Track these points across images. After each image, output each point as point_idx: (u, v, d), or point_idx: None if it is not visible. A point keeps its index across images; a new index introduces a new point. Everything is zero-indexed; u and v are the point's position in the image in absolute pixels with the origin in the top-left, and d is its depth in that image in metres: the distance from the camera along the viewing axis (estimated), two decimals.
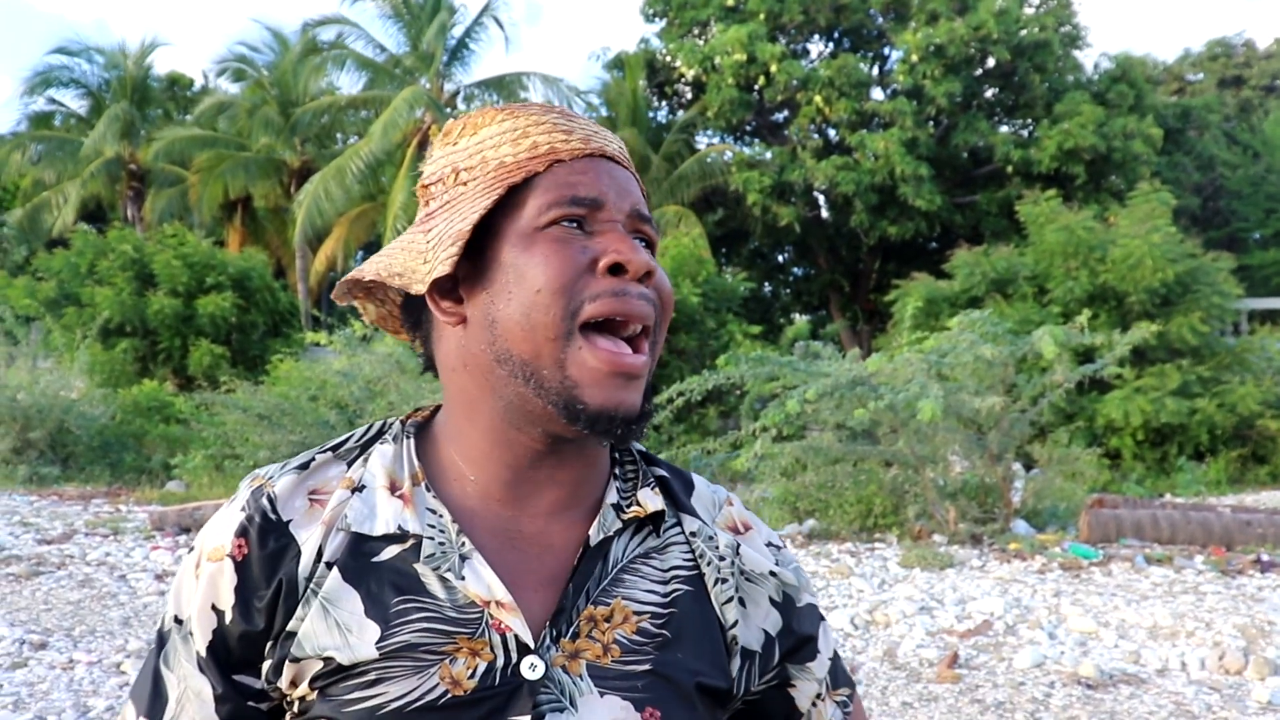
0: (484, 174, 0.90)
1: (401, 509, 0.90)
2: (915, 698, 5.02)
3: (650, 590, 0.93)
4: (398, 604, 0.87)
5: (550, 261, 0.87)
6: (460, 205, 0.90)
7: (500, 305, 0.88)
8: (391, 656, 0.85)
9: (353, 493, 0.92)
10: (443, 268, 0.89)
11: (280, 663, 0.88)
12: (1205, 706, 4.84)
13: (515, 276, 0.87)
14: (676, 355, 15.38)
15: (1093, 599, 6.19)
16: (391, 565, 0.88)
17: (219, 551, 0.90)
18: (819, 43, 26.77)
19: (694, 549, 0.97)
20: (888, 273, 25.12)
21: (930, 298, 15.53)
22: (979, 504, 8.09)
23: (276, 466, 0.95)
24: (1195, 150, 29.14)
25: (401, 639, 0.85)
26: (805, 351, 8.79)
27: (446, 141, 0.95)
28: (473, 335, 0.90)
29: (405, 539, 0.89)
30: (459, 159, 0.93)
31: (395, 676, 0.85)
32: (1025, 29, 23.01)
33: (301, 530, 0.90)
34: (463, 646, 0.86)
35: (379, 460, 0.94)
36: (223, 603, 0.90)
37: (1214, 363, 14.44)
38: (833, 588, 6.58)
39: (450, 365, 0.93)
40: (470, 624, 0.86)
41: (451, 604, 0.87)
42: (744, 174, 23.53)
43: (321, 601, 0.87)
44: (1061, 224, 15.25)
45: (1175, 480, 13.07)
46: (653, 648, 0.91)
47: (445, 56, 26.37)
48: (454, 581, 0.88)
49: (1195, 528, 7.73)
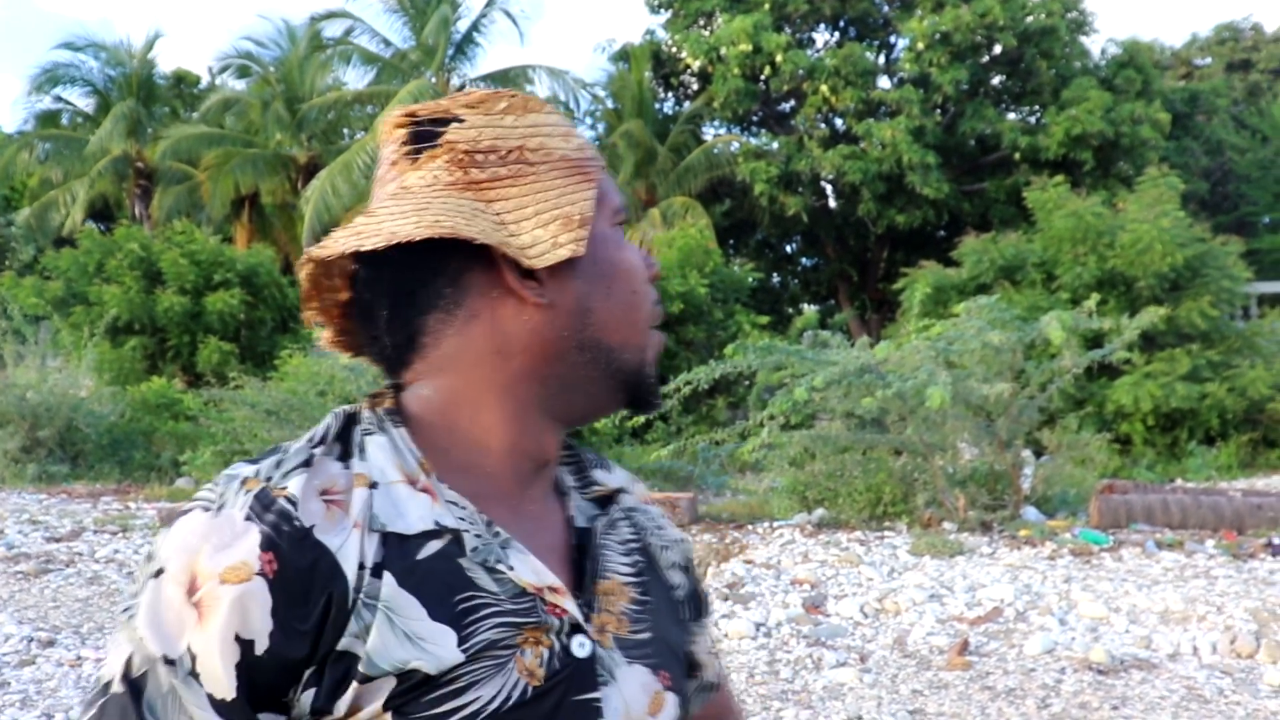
0: (552, 161, 0.90)
1: (431, 503, 0.85)
2: (926, 685, 5.01)
3: (622, 563, 0.96)
4: (460, 603, 0.83)
5: (638, 263, 0.92)
6: (539, 184, 0.89)
7: (599, 297, 0.90)
8: (477, 658, 0.82)
9: (370, 490, 0.84)
10: (571, 249, 0.87)
11: (336, 687, 0.79)
12: (1217, 690, 4.82)
13: (612, 272, 0.91)
14: (685, 346, 15.36)
15: (1103, 584, 6.16)
16: (436, 564, 0.83)
17: (242, 570, 0.77)
18: (824, 32, 26.70)
19: (636, 522, 1.01)
20: (896, 261, 25.06)
21: (938, 285, 15.48)
22: (989, 491, 8.06)
23: (268, 465, 0.83)
24: (1203, 135, 29.00)
25: (481, 638, 0.82)
26: (813, 340, 8.77)
27: (484, 111, 0.91)
28: (555, 321, 0.89)
29: (442, 534, 0.84)
30: (516, 136, 0.90)
31: (484, 678, 0.82)
32: (1032, 15, 22.91)
33: (330, 537, 0.80)
34: (528, 636, 0.84)
35: (381, 453, 0.86)
36: (254, 630, 0.77)
37: (1224, 347, 14.37)
38: (842, 576, 6.56)
39: (494, 349, 0.89)
40: (529, 612, 0.85)
41: (506, 595, 0.85)
42: (751, 164, 23.48)
43: (384, 612, 0.80)
44: (1070, 210, 15.18)
45: (1186, 465, 13.02)
46: (647, 615, 0.94)
47: (450, 50, 26.35)
48: (506, 572, 0.85)
49: (1206, 512, 7.69)
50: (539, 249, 0.87)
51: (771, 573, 6.69)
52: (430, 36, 25.92)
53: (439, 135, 0.90)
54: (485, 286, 0.88)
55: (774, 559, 6.99)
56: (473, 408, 0.89)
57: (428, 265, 0.88)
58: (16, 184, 30.58)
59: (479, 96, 0.92)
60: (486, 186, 0.88)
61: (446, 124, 0.90)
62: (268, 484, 0.81)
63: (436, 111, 0.91)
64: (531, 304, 0.88)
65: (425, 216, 0.85)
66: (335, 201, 25.16)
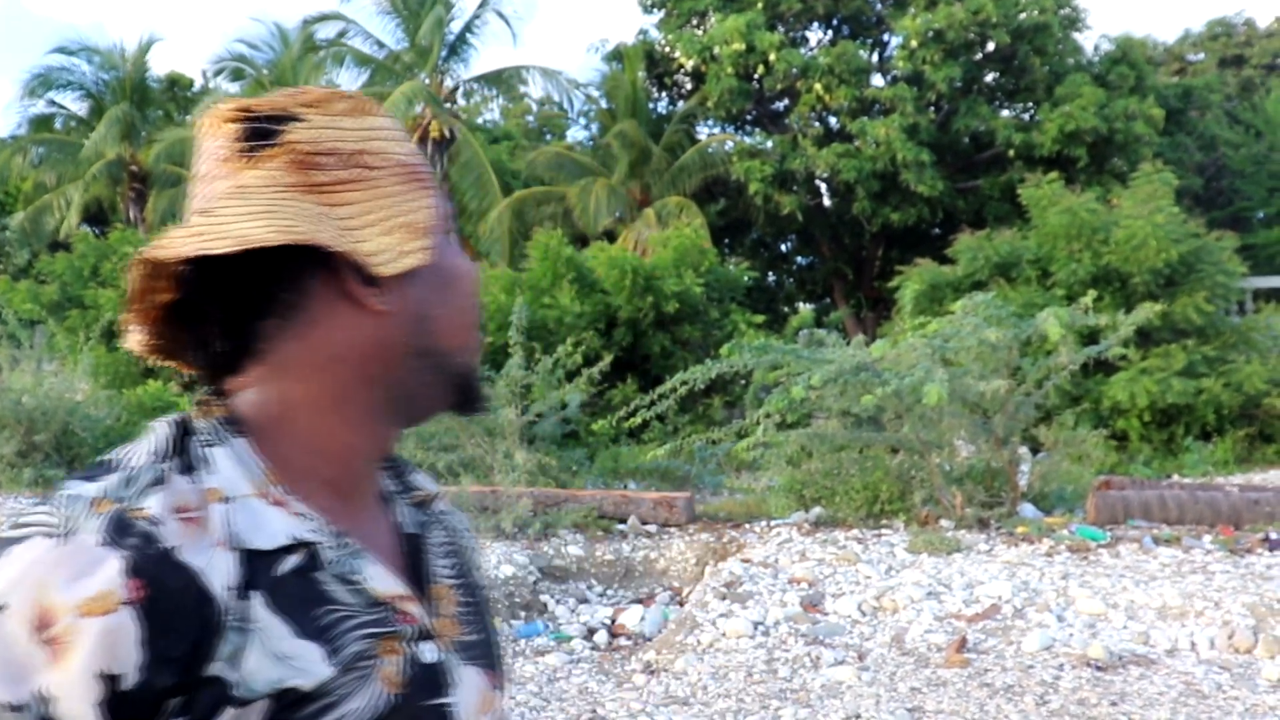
0: (391, 166, 0.89)
1: (285, 517, 0.82)
2: (924, 683, 5.01)
3: (443, 566, 0.96)
4: (323, 617, 0.81)
5: (470, 269, 0.94)
6: (381, 191, 0.88)
7: (437, 304, 0.90)
8: (346, 671, 0.81)
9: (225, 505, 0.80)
10: (418, 258, 0.87)
11: (207, 714, 0.76)
12: (1215, 686, 4.82)
13: (449, 279, 0.91)
14: (681, 345, 15.36)
15: (1101, 581, 6.17)
16: (297, 579, 0.81)
17: (105, 601, 0.72)
18: (818, 30, 26.70)
19: (446, 525, 1.02)
20: (891, 259, 25.06)
21: (934, 283, 15.49)
22: (985, 488, 8.06)
23: (115, 484, 0.78)
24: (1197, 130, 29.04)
25: (348, 651, 0.81)
26: (809, 339, 8.77)
27: (323, 111, 0.88)
28: (395, 327, 0.88)
29: (298, 549, 0.82)
30: (355, 139, 0.88)
31: (353, 691, 0.81)
32: (1024, 12, 22.93)
33: (194, 558, 0.76)
34: (385, 646, 0.84)
35: (230, 466, 0.83)
36: (122, 664, 0.72)
37: (1219, 342, 14.39)
38: (840, 574, 6.56)
39: (334, 355, 0.87)
40: (384, 622, 0.84)
41: (361, 606, 0.84)
42: (745, 163, 23.49)
43: (254, 633, 0.77)
44: (1064, 206, 15.20)
45: (1182, 460, 13.03)
46: (471, 617, 0.95)
47: (444, 51, 26.32)
48: (360, 583, 0.84)
49: (1203, 507, 7.70)
50: (384, 257, 0.86)
51: (769, 571, 6.69)
52: (424, 38, 25.89)
53: (277, 134, 0.86)
54: (326, 293, 0.86)
55: (771, 558, 6.99)
56: (311, 414, 0.87)
57: (268, 269, 0.85)
58: (10, 188, 30.51)
59: (317, 95, 0.90)
60: (329, 190, 0.86)
61: (284, 122, 0.87)
62: (121, 505, 0.76)
63: (274, 108, 0.88)
64: (373, 311, 0.86)
65: (275, 220, 0.82)
66: None
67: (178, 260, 0.83)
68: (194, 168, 0.90)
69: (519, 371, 9.37)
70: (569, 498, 8.60)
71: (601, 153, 27.23)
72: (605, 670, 5.76)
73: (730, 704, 4.91)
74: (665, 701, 5.04)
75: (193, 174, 0.90)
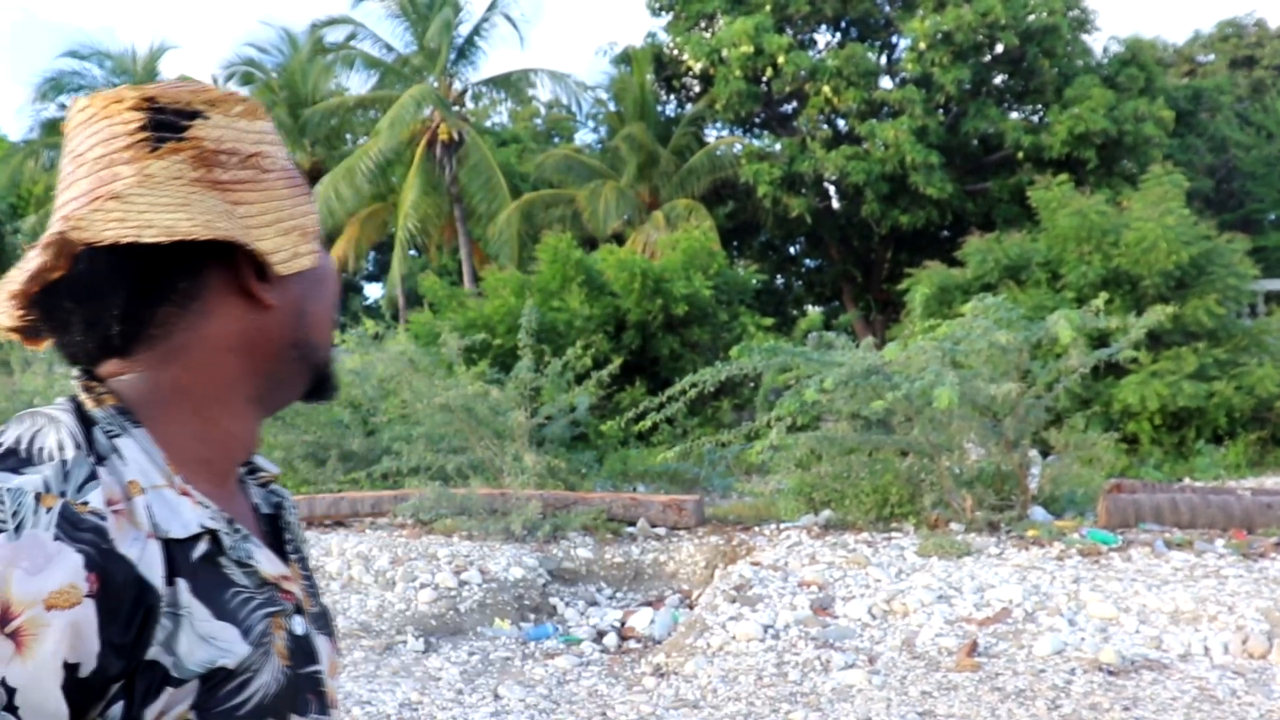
0: (279, 170, 0.95)
1: (192, 506, 0.87)
2: (935, 687, 4.99)
3: (288, 542, 1.04)
4: (232, 599, 0.87)
5: (333, 269, 1.01)
6: (273, 193, 0.93)
7: (313, 299, 0.97)
8: (257, 648, 0.87)
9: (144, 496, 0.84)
10: (310, 260, 0.95)
11: (146, 696, 0.80)
12: (1230, 691, 4.79)
13: (322, 276, 0.98)
14: (690, 348, 15.35)
15: (1113, 585, 6.14)
16: (204, 564, 0.86)
17: (71, 594, 0.75)
18: (826, 33, 26.68)
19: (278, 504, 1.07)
20: (900, 262, 25.03)
21: (943, 285, 15.45)
22: (996, 491, 8.03)
23: (53, 477, 0.80)
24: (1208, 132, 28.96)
25: (256, 630, 0.87)
26: (819, 342, 8.75)
27: (223, 111, 0.92)
28: (279, 321, 0.94)
29: (202, 536, 0.87)
30: (250, 141, 0.93)
31: (262, 666, 0.87)
32: (1033, 14, 22.87)
33: (130, 549, 0.80)
34: (276, 623, 0.90)
35: (138, 457, 0.86)
36: (83, 654, 0.76)
37: (1231, 345, 14.32)
38: (850, 578, 6.54)
39: (223, 345, 0.91)
40: (272, 600, 0.91)
41: (254, 587, 0.90)
42: (754, 166, 23.47)
43: (184, 617, 0.82)
44: (1074, 209, 15.14)
45: (1194, 464, 12.97)
46: (313, 590, 1.03)
47: (452, 55, 26.35)
48: (253, 566, 0.90)
49: (1215, 511, 7.66)
50: (281, 256, 0.92)
51: (779, 575, 6.67)
52: (432, 41, 25.93)
53: (183, 128, 0.90)
54: (221, 285, 0.90)
55: (781, 561, 6.97)
56: (201, 403, 0.92)
57: (170, 258, 0.88)
58: (23, 192, 30.62)
59: (217, 96, 0.93)
60: (229, 188, 0.90)
61: (190, 117, 0.90)
62: (65, 499, 0.78)
63: (179, 102, 0.90)
64: (264, 306, 0.92)
65: (197, 215, 0.86)
66: (338, 206, 25.17)
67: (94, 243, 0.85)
68: (73, 146, 0.92)
69: (528, 374, 9.37)
70: (578, 500, 8.60)
71: (610, 155, 27.23)
72: (615, 673, 5.75)
73: (740, 707, 4.90)
74: (675, 704, 5.03)
75: (72, 151, 0.91)
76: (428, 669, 5.71)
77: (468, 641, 6.33)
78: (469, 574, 7.16)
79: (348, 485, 9.79)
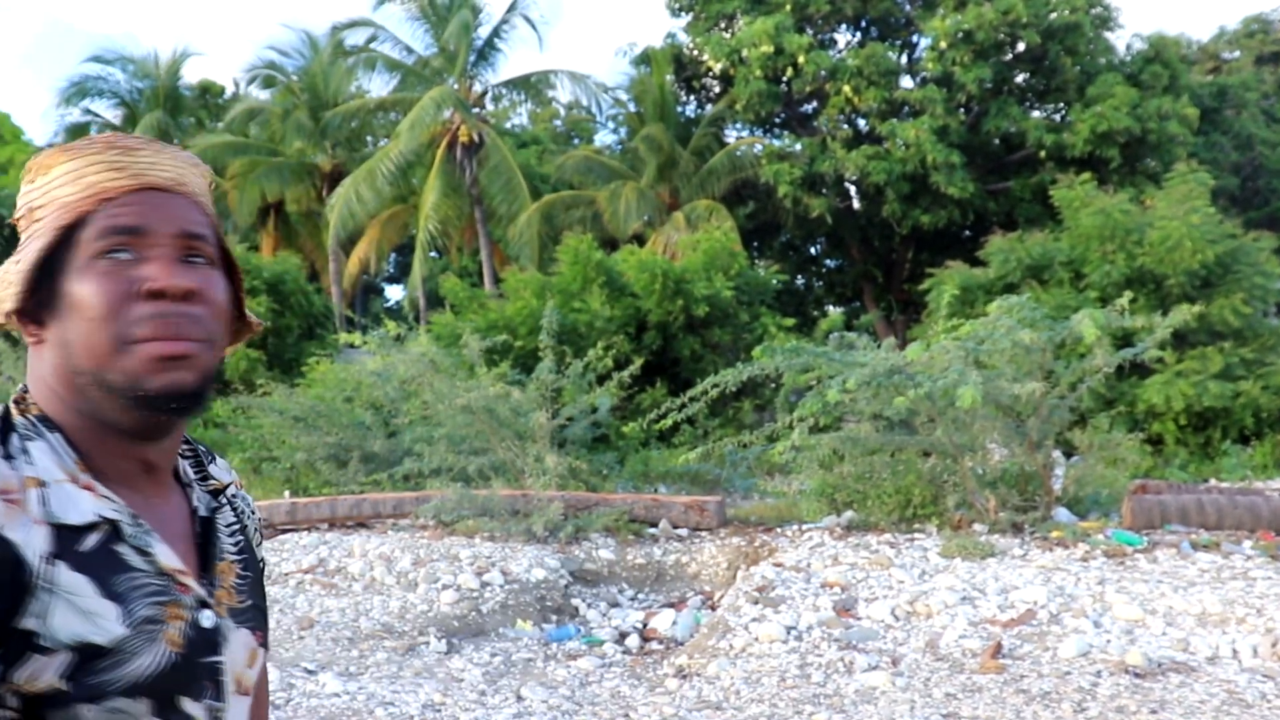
0: (51, 213, 1.05)
1: (93, 498, 1.00)
2: (959, 689, 4.96)
3: (230, 543, 1.16)
4: (122, 583, 0.98)
5: (97, 293, 1.01)
6: (31, 243, 1.05)
7: (69, 330, 1.02)
8: (137, 631, 0.97)
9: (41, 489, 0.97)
10: (10, 304, 1.04)
11: (15, 659, 0.92)
12: (1259, 695, 4.74)
13: (75, 306, 1.02)
14: (711, 349, 15.32)
15: (1138, 586, 6.09)
16: (99, 550, 0.98)
17: None
18: (846, 32, 26.60)
19: (236, 507, 1.21)
20: (921, 262, 24.91)
21: (965, 285, 15.36)
22: (1019, 492, 7.98)
23: None
24: (1233, 129, 28.70)
25: (140, 614, 0.98)
26: (840, 342, 8.72)
27: (26, 180, 1.08)
28: (54, 354, 1.04)
29: (102, 525, 0.99)
30: (34, 198, 1.06)
31: (142, 649, 0.97)
32: (1055, 12, 22.73)
33: (14, 533, 0.93)
34: (170, 612, 1.01)
35: (44, 456, 1.00)
36: None
37: (1257, 344, 14.18)
38: (873, 579, 6.51)
39: (39, 375, 1.06)
40: (168, 591, 1.02)
41: (152, 575, 1.01)
42: (774, 166, 23.42)
43: (61, 594, 0.94)
44: (1097, 208, 15.03)
45: (1220, 465, 12.85)
46: (247, 586, 1.15)
47: (472, 56, 26.41)
48: (152, 557, 1.01)
49: (1242, 512, 7.59)
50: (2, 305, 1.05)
51: (801, 576, 6.65)
52: (451, 42, 26.00)
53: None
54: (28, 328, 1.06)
55: (804, 562, 6.95)
56: (64, 420, 1.04)
57: None
58: None
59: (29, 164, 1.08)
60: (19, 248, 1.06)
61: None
62: None
63: None
64: (34, 343, 1.06)
65: None
66: (359, 208, 25.28)
67: None
68: None
69: (550, 375, 9.37)
70: (600, 501, 8.59)
71: (630, 156, 27.24)
72: (637, 674, 5.74)
73: (763, 709, 4.88)
74: (698, 706, 5.01)
75: None
76: (450, 670, 5.71)
77: (490, 643, 6.33)
78: (491, 575, 7.17)
79: (369, 486, 9.82)
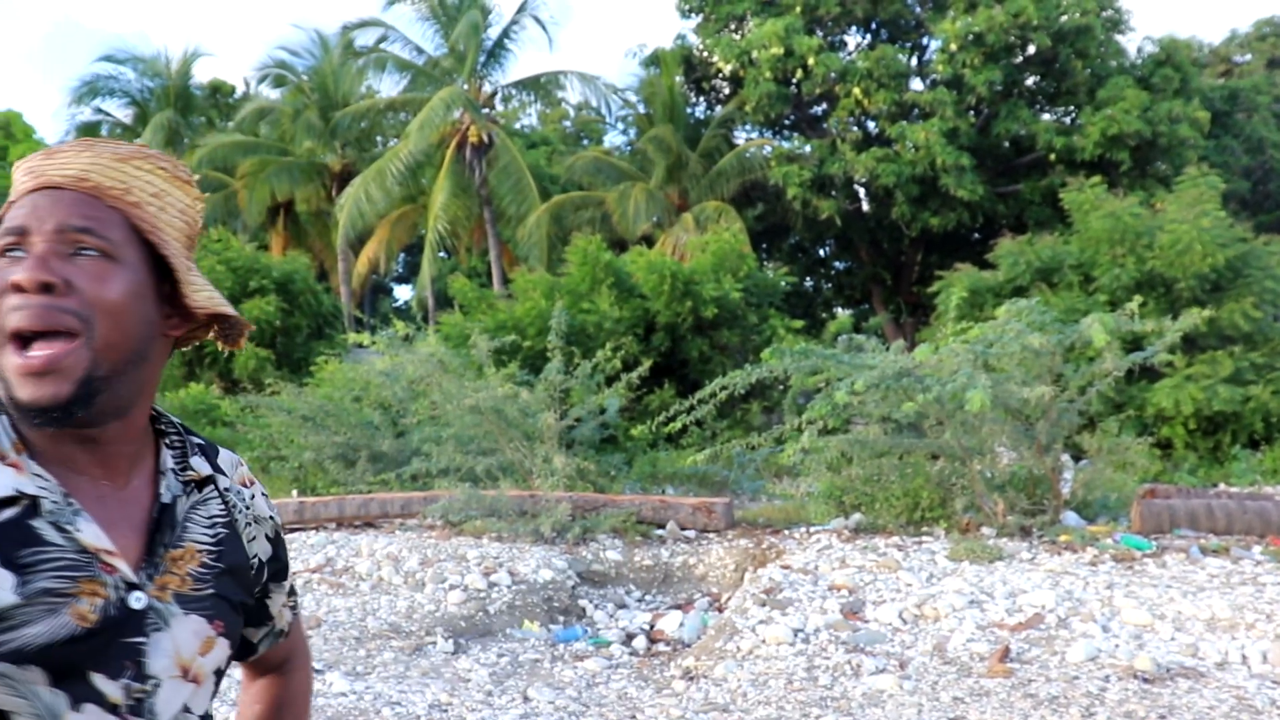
0: None
1: (16, 475, 1.06)
2: (966, 692, 4.95)
3: (204, 533, 1.20)
4: (26, 555, 1.02)
5: None
6: None
7: None
8: (31, 602, 1.01)
9: None
10: None
11: None
12: (1269, 701, 4.72)
13: None
14: (719, 351, 15.32)
15: (1147, 591, 6.07)
16: (12, 523, 1.03)
17: None
18: (856, 34, 26.58)
19: (227, 501, 1.26)
20: (930, 264, 24.88)
21: (974, 288, 15.33)
22: (1028, 496, 7.97)
23: None
24: (1244, 133, 28.58)
25: (38, 585, 1.02)
26: (849, 344, 8.71)
27: None
28: None
29: (20, 500, 1.05)
30: None
31: (35, 619, 1.01)
32: (1066, 14, 22.67)
33: None
34: (84, 587, 1.05)
35: None
36: None
37: (1267, 349, 14.12)
38: (880, 581, 6.50)
39: None
40: (87, 568, 1.06)
41: (70, 551, 1.05)
42: (783, 168, 23.41)
43: None
44: (1107, 211, 14.98)
45: (1229, 469, 12.80)
46: (212, 577, 1.19)
47: (482, 57, 26.44)
48: (73, 533, 1.06)
49: (1252, 517, 7.56)
50: None
51: (809, 578, 6.64)
52: (461, 43, 26.03)
53: None
54: None
55: (811, 564, 6.94)
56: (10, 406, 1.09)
57: None
58: None
59: None
60: None
61: None
62: None
63: None
64: None
65: None
66: (369, 208, 25.32)
67: None
68: None
69: (558, 376, 9.38)
70: (607, 502, 8.60)
71: (639, 157, 27.24)
72: (644, 676, 5.74)
73: (770, 711, 4.88)
74: (705, 708, 5.01)
75: None
76: (457, 670, 5.72)
77: (497, 643, 6.34)
78: (498, 575, 7.17)
79: (377, 486, 9.83)
